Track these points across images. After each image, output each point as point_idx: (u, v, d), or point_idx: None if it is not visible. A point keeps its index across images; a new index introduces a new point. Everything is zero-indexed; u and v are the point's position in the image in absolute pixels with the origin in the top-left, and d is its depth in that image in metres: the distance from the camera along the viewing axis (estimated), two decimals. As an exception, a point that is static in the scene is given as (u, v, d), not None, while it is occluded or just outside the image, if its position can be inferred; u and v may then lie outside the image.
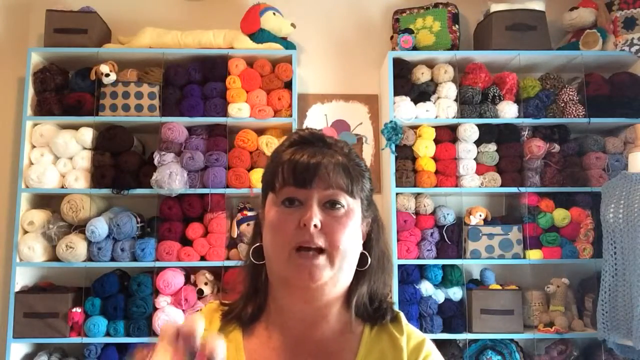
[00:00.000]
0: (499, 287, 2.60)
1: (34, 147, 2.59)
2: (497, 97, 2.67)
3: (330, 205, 0.76)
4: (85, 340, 2.43)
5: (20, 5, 2.92)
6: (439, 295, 2.57)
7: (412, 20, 2.79)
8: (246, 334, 0.82)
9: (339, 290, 0.78)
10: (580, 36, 2.73)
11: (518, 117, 2.66)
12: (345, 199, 0.76)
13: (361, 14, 3.01)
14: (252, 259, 0.82)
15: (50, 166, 2.54)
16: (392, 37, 2.78)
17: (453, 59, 2.69)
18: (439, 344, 2.57)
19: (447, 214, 2.61)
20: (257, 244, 0.82)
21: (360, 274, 0.81)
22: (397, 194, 2.60)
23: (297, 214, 0.75)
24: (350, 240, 0.76)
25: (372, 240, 0.83)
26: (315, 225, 0.73)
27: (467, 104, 2.65)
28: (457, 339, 2.59)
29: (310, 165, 0.75)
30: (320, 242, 0.73)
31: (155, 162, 2.53)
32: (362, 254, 0.80)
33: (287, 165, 0.76)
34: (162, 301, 2.46)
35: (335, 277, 0.75)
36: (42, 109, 2.57)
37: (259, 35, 2.68)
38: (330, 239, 0.74)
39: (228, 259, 2.54)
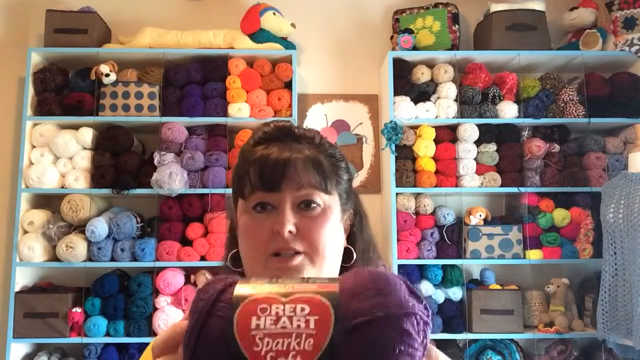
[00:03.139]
0: (499, 287, 2.60)
1: (34, 147, 2.59)
2: (497, 97, 2.67)
3: (305, 205, 0.70)
4: (85, 340, 2.43)
5: (20, 5, 2.92)
6: (439, 295, 2.57)
7: (412, 20, 2.80)
8: None
9: None
10: (580, 36, 2.73)
11: (518, 117, 2.66)
12: (320, 197, 0.71)
13: (361, 14, 3.01)
14: (230, 266, 0.77)
15: (50, 166, 2.54)
16: (392, 37, 2.78)
17: (453, 59, 2.69)
18: (439, 344, 2.59)
19: (447, 214, 2.61)
20: (234, 250, 0.77)
21: (346, 270, 0.75)
22: (397, 194, 2.60)
23: (270, 219, 0.69)
24: (330, 240, 0.71)
25: (355, 233, 0.79)
26: (290, 231, 0.68)
27: (467, 104, 2.65)
28: (457, 339, 2.59)
29: (278, 165, 0.69)
30: (298, 246, 0.68)
31: (155, 162, 2.53)
32: (347, 249, 0.76)
33: (253, 167, 0.70)
34: (162, 301, 2.46)
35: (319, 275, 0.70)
36: (42, 109, 2.57)
37: (259, 35, 2.68)
38: (309, 242, 0.69)
39: (228, 259, 2.54)
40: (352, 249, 0.77)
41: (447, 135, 2.66)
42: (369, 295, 0.40)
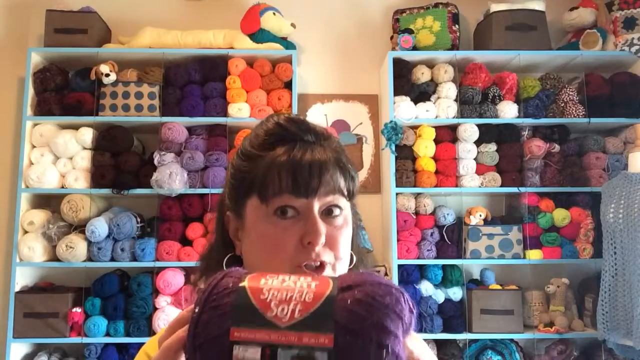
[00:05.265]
0: (499, 287, 2.60)
1: (34, 147, 2.59)
2: (497, 97, 2.67)
3: (327, 212, 0.67)
4: (85, 340, 2.43)
5: (20, 5, 2.92)
6: (439, 295, 2.57)
7: (412, 20, 2.79)
8: None
9: None
10: (580, 36, 2.73)
11: (518, 117, 2.65)
12: (343, 203, 0.68)
13: (361, 14, 3.01)
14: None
15: (50, 166, 2.54)
16: (392, 37, 2.78)
17: (453, 59, 2.69)
18: (439, 344, 2.59)
19: (447, 214, 2.61)
20: (230, 255, 0.72)
21: None
22: (397, 194, 2.60)
23: (296, 227, 0.65)
24: (348, 248, 0.70)
25: (353, 240, 0.76)
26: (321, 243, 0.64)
27: (467, 104, 2.65)
28: (457, 339, 2.59)
29: (313, 169, 0.65)
30: (326, 258, 0.66)
31: (155, 162, 2.53)
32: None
33: (283, 169, 0.65)
34: (162, 301, 2.46)
35: None
36: (42, 109, 2.57)
37: (259, 35, 2.68)
38: (335, 252, 0.67)
39: (228, 259, 2.54)
40: (352, 253, 0.76)
41: (447, 135, 2.66)
42: (364, 277, 0.47)
